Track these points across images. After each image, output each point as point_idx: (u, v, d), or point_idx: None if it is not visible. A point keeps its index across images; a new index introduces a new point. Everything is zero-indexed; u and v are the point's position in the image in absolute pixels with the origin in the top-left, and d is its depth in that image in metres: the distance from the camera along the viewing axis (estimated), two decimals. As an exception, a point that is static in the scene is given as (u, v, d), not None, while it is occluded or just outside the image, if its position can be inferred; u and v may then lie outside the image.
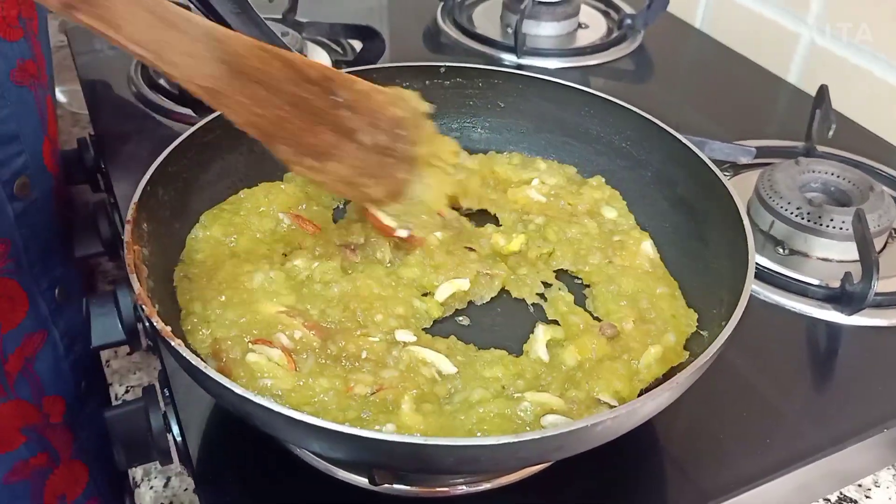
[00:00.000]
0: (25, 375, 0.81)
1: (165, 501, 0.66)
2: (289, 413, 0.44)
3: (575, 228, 0.72)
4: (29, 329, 0.82)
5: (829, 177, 0.85)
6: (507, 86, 0.82)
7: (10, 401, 0.80)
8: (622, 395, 0.56)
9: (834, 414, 0.65)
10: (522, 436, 0.42)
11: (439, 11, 1.25)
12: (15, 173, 0.78)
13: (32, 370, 0.82)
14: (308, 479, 0.58)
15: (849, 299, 0.73)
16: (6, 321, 0.79)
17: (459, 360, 0.59)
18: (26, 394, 0.82)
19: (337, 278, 0.64)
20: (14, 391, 0.80)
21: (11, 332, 0.79)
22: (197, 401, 0.62)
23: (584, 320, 0.64)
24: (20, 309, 0.80)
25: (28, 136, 0.79)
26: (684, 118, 1.04)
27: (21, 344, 0.80)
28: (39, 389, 0.84)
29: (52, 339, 0.85)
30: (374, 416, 0.53)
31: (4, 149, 0.76)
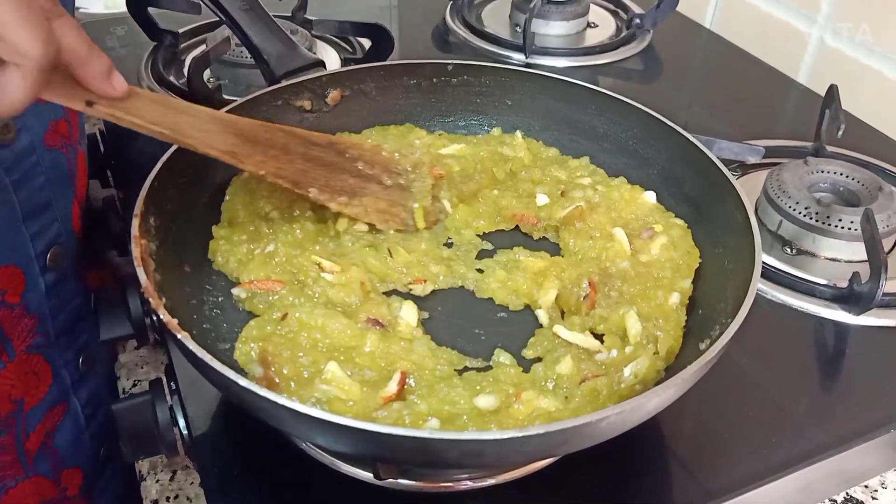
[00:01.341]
0: (45, 451, 0.77)
1: (171, 495, 0.66)
2: (294, 406, 0.44)
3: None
4: (50, 403, 0.76)
5: (838, 177, 0.85)
6: (514, 83, 0.83)
7: (28, 479, 0.76)
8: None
9: (840, 414, 0.65)
10: (528, 430, 0.42)
11: (448, 10, 1.26)
12: (48, 244, 0.72)
13: (52, 445, 0.78)
14: (313, 472, 0.58)
15: (857, 299, 0.72)
16: (30, 398, 0.74)
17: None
18: (45, 470, 0.77)
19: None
20: (33, 469, 0.76)
21: (34, 409, 0.74)
22: (203, 394, 0.62)
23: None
24: (44, 384, 0.75)
25: (60, 201, 0.73)
26: (693, 118, 1.04)
27: (43, 419, 0.76)
28: (58, 464, 0.79)
29: (73, 411, 0.79)
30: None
31: (39, 219, 0.70)
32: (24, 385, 0.73)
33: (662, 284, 0.65)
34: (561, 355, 0.59)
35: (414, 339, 0.60)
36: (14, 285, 0.69)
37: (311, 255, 0.65)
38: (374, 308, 0.62)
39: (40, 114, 0.70)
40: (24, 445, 0.75)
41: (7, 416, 0.72)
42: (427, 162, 0.76)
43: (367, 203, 0.70)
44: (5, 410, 0.71)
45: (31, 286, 0.70)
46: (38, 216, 0.70)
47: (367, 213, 0.69)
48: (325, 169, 0.70)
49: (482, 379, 0.57)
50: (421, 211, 0.72)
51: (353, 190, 0.70)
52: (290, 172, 0.67)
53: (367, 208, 0.69)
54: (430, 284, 0.67)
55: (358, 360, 0.56)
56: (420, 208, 0.72)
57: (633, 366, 0.57)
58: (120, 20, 1.16)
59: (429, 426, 0.50)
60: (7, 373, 0.71)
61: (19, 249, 0.69)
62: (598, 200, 0.73)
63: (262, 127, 0.68)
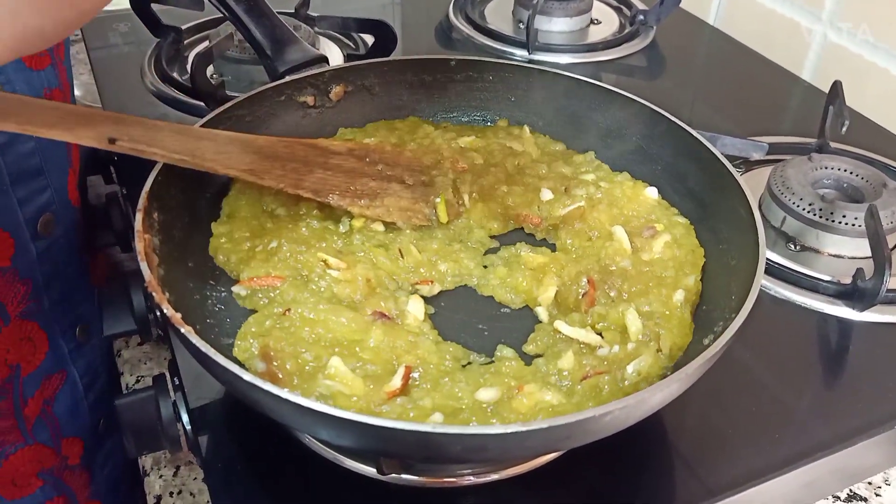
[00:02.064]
0: (44, 419, 0.78)
1: (175, 490, 0.67)
2: (297, 400, 0.44)
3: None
4: (48, 371, 0.78)
5: (842, 173, 0.85)
6: (517, 79, 0.82)
7: (28, 446, 0.77)
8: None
9: (844, 410, 0.65)
10: (531, 424, 0.42)
11: (451, 7, 1.25)
12: (39, 210, 0.73)
13: (51, 412, 0.79)
14: (316, 468, 0.58)
15: (860, 295, 0.72)
16: (26, 364, 0.75)
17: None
18: (45, 437, 0.79)
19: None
20: (32, 436, 0.77)
21: (31, 375, 0.76)
22: (206, 390, 0.62)
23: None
24: (40, 351, 0.77)
25: (53, 170, 0.74)
26: (696, 114, 1.04)
27: (40, 387, 0.77)
28: (58, 432, 0.81)
29: (71, 379, 0.82)
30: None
31: (28, 185, 0.72)
32: (18, 351, 0.74)
33: (666, 283, 0.65)
34: (562, 350, 0.59)
35: (421, 333, 0.60)
36: (3, 249, 0.71)
37: (318, 252, 0.65)
38: (381, 302, 0.62)
39: (32, 82, 0.71)
40: (23, 411, 0.76)
41: (3, 380, 0.73)
42: (449, 157, 0.76)
43: (388, 203, 0.70)
44: (2, 375, 0.73)
45: (20, 251, 0.72)
46: (27, 182, 0.72)
47: (390, 212, 0.70)
48: (346, 175, 0.71)
49: (485, 371, 0.57)
50: (443, 204, 0.72)
51: (375, 192, 0.71)
52: (310, 182, 0.68)
53: (389, 208, 0.70)
54: (436, 286, 0.67)
55: (362, 355, 0.56)
56: (442, 201, 0.72)
57: (637, 363, 0.57)
58: (123, 17, 1.16)
59: (432, 420, 0.50)
60: (2, 338, 0.72)
61: (6, 213, 0.70)
62: (601, 197, 0.73)
63: (281, 143, 0.70)
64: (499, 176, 0.76)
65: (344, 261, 0.65)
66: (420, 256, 0.68)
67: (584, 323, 0.62)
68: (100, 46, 1.12)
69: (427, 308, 0.64)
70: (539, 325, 0.64)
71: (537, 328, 0.63)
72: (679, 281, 0.65)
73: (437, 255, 0.68)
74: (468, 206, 0.73)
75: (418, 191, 0.73)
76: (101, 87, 1.04)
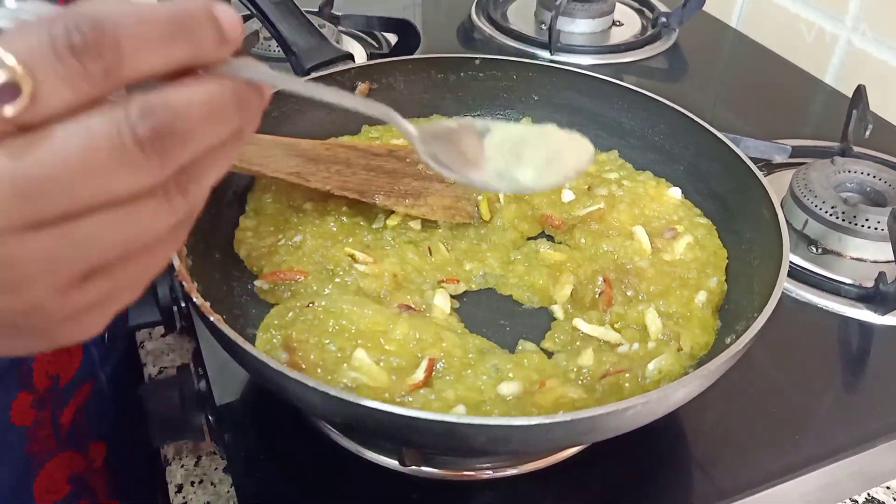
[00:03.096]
0: (76, 425, 0.79)
1: (196, 479, 0.67)
2: (324, 389, 0.44)
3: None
4: (81, 379, 0.79)
5: (865, 177, 0.85)
6: (541, 79, 0.83)
7: (61, 452, 0.78)
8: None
9: (864, 413, 0.65)
10: (554, 417, 0.43)
11: (473, 7, 1.26)
12: None
13: (82, 420, 0.80)
14: (338, 459, 0.59)
15: (882, 299, 0.72)
16: (64, 374, 0.76)
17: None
18: (75, 443, 0.80)
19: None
20: (66, 442, 0.78)
21: (67, 385, 0.76)
22: (230, 380, 0.63)
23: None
24: (75, 360, 0.78)
25: None
26: (718, 117, 1.04)
27: (74, 395, 0.78)
28: (86, 437, 0.81)
29: (99, 385, 0.82)
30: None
31: None
32: (59, 361, 0.75)
33: (688, 284, 0.65)
34: (582, 347, 0.60)
35: (448, 325, 0.61)
36: None
37: (345, 246, 0.66)
38: (407, 296, 0.62)
39: None
40: (59, 420, 0.76)
41: (44, 391, 0.73)
42: None
43: (432, 202, 0.72)
44: (43, 386, 0.73)
45: None
46: None
47: (434, 211, 0.71)
48: (388, 176, 0.72)
49: (507, 361, 0.57)
50: (485, 202, 0.73)
51: (418, 192, 0.72)
52: (355, 184, 0.70)
53: (432, 207, 0.71)
54: (462, 285, 0.67)
55: (386, 347, 0.57)
56: (484, 200, 0.73)
57: (657, 361, 0.57)
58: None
59: (455, 412, 0.51)
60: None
61: None
62: (622, 195, 0.73)
63: (323, 145, 0.71)
64: None
65: (371, 255, 0.65)
66: (448, 255, 0.68)
67: (603, 321, 0.63)
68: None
69: (452, 302, 0.64)
70: (555, 322, 0.64)
71: (554, 325, 0.64)
72: (702, 282, 0.65)
73: (465, 255, 0.69)
74: (502, 205, 0.74)
75: (459, 189, 0.74)
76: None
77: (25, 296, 0.31)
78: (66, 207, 0.30)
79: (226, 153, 0.34)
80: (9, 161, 0.28)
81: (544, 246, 0.70)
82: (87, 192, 0.30)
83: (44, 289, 0.31)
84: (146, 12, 0.30)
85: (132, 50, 0.29)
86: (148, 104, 0.30)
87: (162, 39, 0.30)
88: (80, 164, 0.29)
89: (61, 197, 0.29)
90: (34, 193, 0.29)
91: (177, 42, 0.30)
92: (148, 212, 0.31)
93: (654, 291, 0.64)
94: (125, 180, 0.30)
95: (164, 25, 0.30)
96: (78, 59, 0.28)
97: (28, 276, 0.31)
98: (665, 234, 0.70)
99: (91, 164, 0.29)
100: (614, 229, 0.70)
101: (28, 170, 0.29)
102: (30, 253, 0.30)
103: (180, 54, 0.31)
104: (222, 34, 0.32)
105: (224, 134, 0.33)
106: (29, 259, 0.30)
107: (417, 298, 0.63)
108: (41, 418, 0.74)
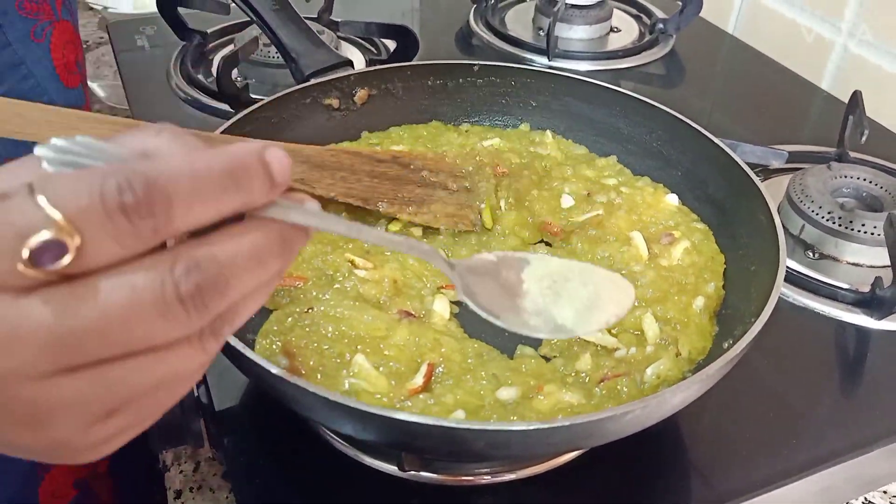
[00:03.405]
0: None
1: (195, 485, 0.67)
2: (324, 394, 0.45)
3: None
4: None
5: (861, 182, 0.85)
6: (539, 85, 0.83)
7: None
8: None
9: (860, 418, 0.65)
10: (554, 422, 0.43)
11: (472, 14, 1.26)
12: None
13: None
14: (337, 464, 0.59)
15: (879, 304, 0.72)
16: None
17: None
18: None
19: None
20: None
21: None
22: (230, 385, 0.63)
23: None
24: None
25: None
26: (715, 123, 1.04)
27: None
28: None
29: None
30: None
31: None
32: None
33: (686, 290, 0.66)
34: (579, 352, 0.60)
35: (447, 331, 0.61)
36: None
37: (345, 252, 0.66)
38: (407, 302, 0.63)
39: (67, 102, 0.72)
40: None
41: None
42: (489, 162, 0.77)
43: (435, 209, 0.72)
44: None
45: None
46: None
47: (437, 218, 0.72)
48: (392, 182, 0.73)
49: (506, 367, 0.57)
50: (488, 210, 0.73)
51: (421, 199, 0.73)
52: (359, 191, 0.70)
53: (435, 214, 0.72)
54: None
55: (386, 352, 0.57)
56: (487, 207, 0.74)
57: (655, 366, 0.57)
58: (149, 20, 1.18)
59: (455, 417, 0.51)
60: None
61: None
62: (621, 202, 0.74)
63: (328, 152, 0.72)
64: (532, 178, 0.76)
65: (371, 261, 0.66)
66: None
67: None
68: (126, 49, 1.13)
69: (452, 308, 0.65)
70: None
71: None
72: (699, 288, 0.66)
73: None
74: (503, 211, 0.74)
75: (462, 196, 0.75)
76: (128, 89, 1.05)
77: (52, 434, 0.31)
78: (101, 355, 0.30)
79: (263, 294, 0.34)
80: (50, 314, 0.28)
81: (542, 250, 0.70)
82: (125, 341, 0.30)
83: (70, 428, 0.31)
84: (199, 166, 0.29)
85: (184, 208, 0.29)
86: (193, 260, 0.30)
87: (214, 194, 0.30)
88: (120, 318, 0.29)
89: (99, 347, 0.29)
90: (72, 345, 0.29)
91: (228, 195, 0.30)
92: (180, 356, 0.31)
93: (652, 297, 0.65)
94: (162, 331, 0.30)
95: (217, 180, 0.30)
96: (128, 218, 0.28)
97: (56, 417, 0.30)
98: (662, 239, 0.70)
99: (132, 317, 0.29)
100: (612, 235, 0.71)
101: (70, 323, 0.28)
102: (61, 395, 0.30)
103: (231, 206, 0.31)
104: (273, 180, 0.31)
105: (265, 278, 0.32)
106: (59, 401, 0.30)
107: (417, 304, 0.63)
108: None
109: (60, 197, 0.27)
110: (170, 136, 0.31)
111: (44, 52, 0.72)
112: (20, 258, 0.27)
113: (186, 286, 0.29)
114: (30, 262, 0.27)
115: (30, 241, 0.27)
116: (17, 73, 0.68)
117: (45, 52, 0.72)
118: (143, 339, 0.30)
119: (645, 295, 0.65)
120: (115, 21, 1.24)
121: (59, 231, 0.27)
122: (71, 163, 0.29)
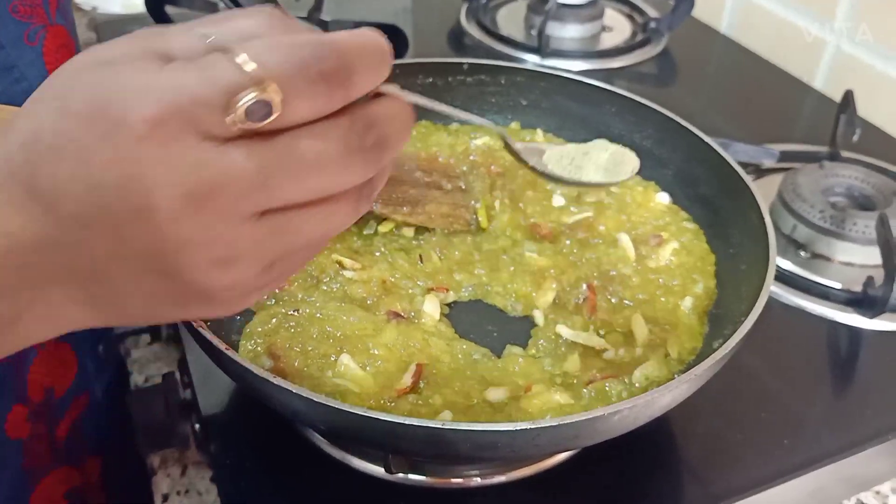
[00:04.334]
0: (72, 439, 0.78)
1: (182, 489, 0.67)
2: (308, 395, 0.44)
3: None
4: (76, 392, 0.78)
5: (853, 181, 0.85)
6: (529, 83, 0.83)
7: (60, 467, 0.77)
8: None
9: (852, 417, 0.65)
10: (541, 422, 0.43)
11: (463, 12, 1.26)
12: None
13: (78, 434, 0.79)
14: (325, 467, 0.58)
15: (870, 303, 0.72)
16: (59, 386, 0.76)
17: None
18: (72, 458, 0.79)
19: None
20: (64, 457, 0.78)
21: (62, 398, 0.76)
22: (216, 388, 0.63)
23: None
24: (70, 372, 0.77)
25: None
26: (708, 122, 1.03)
27: (70, 408, 0.77)
28: (83, 452, 0.81)
29: (94, 399, 0.82)
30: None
31: None
32: (53, 374, 0.74)
33: (673, 291, 0.65)
34: (567, 353, 0.59)
35: (436, 331, 0.60)
36: None
37: (332, 252, 0.65)
38: (396, 303, 0.62)
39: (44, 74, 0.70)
40: (56, 433, 0.76)
41: (39, 404, 0.73)
42: (483, 161, 0.77)
43: (430, 210, 0.71)
44: (37, 399, 0.72)
45: None
46: None
47: (432, 219, 0.71)
48: (385, 183, 0.71)
49: (494, 367, 0.57)
50: (484, 209, 0.73)
51: (416, 199, 0.72)
52: None
53: (430, 215, 0.71)
54: (451, 294, 0.66)
55: (373, 352, 0.57)
56: (483, 207, 0.73)
57: (644, 368, 0.57)
58: (138, 20, 1.17)
59: (442, 418, 0.50)
60: (39, 360, 0.72)
61: None
62: (611, 202, 0.73)
63: None
64: (526, 178, 0.76)
65: (359, 261, 0.65)
66: (439, 263, 0.68)
67: (587, 327, 0.62)
68: (114, 48, 1.13)
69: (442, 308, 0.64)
70: (535, 328, 0.64)
71: (534, 332, 0.63)
72: (687, 288, 0.65)
73: (457, 265, 0.68)
74: (497, 212, 0.74)
75: (457, 196, 0.74)
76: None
77: (234, 274, 0.34)
78: (292, 200, 0.33)
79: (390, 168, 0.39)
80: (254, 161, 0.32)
81: (529, 249, 0.69)
82: (314, 188, 0.34)
83: (250, 271, 0.35)
84: (367, 43, 0.34)
85: (362, 78, 0.34)
86: (370, 118, 0.35)
87: (377, 68, 0.35)
88: (315, 167, 0.33)
89: (292, 193, 0.33)
90: (271, 188, 0.32)
91: (383, 68, 0.35)
92: (342, 211, 0.36)
93: (640, 298, 0.64)
94: (342, 181, 0.34)
95: (378, 55, 0.35)
96: (326, 84, 0.32)
97: (243, 258, 0.34)
98: (650, 240, 0.69)
99: (323, 166, 0.33)
100: (600, 236, 0.70)
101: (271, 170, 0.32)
102: (253, 235, 0.33)
103: (381, 78, 0.35)
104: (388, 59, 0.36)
105: (403, 143, 0.37)
106: (250, 241, 0.34)
107: (406, 305, 0.62)
108: (37, 432, 0.73)
109: (266, 62, 0.31)
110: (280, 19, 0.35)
111: (37, 55, 0.71)
112: (230, 111, 0.31)
113: (368, 139, 0.34)
114: (241, 116, 0.31)
115: (241, 97, 0.30)
116: (9, 75, 0.68)
117: (38, 55, 0.72)
118: (327, 189, 0.34)
119: (633, 296, 0.64)
120: (105, 21, 1.23)
121: (267, 91, 0.31)
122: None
